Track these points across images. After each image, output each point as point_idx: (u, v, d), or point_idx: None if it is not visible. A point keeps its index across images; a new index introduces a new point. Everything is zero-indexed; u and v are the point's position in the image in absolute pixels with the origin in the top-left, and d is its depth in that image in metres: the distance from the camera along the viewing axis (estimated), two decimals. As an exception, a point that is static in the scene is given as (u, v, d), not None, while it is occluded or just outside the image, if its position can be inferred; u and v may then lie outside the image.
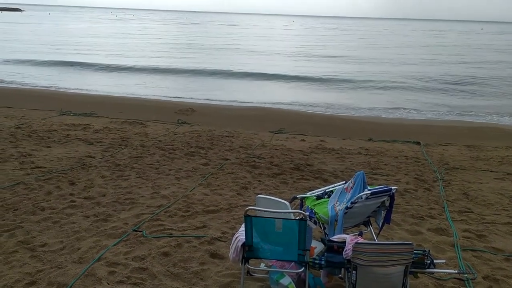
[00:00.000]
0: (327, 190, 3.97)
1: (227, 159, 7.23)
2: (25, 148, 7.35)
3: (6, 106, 11.27)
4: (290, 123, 10.82)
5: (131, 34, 50.94)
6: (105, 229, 4.38)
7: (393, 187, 3.68)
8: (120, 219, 4.64)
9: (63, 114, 10.68)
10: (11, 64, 21.97)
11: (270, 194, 5.43)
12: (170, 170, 6.48)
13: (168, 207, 5.04)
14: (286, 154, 7.69)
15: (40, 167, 6.33)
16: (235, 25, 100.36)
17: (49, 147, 7.55)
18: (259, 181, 6.18)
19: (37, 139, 8.01)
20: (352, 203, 3.55)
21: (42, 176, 5.91)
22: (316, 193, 3.97)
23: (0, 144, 7.47)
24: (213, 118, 11.26)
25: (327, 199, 3.88)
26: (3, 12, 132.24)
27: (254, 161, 7.12)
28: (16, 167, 6.26)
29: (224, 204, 5.20)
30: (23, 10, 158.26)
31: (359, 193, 3.62)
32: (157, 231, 4.39)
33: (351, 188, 3.76)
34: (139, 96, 15.32)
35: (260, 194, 5.28)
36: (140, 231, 4.36)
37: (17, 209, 4.75)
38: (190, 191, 5.62)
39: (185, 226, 4.55)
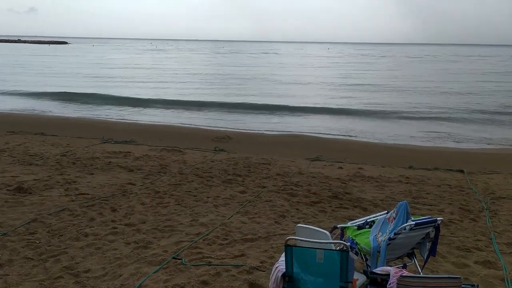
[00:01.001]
0: (368, 220, 3.89)
1: (264, 186, 7.22)
2: (69, 175, 7.61)
3: (52, 135, 11.77)
4: (327, 151, 10.74)
5: (167, 65, 52.47)
6: (145, 256, 4.44)
7: (438, 218, 3.56)
8: (160, 246, 4.69)
9: (105, 142, 11.02)
10: (59, 96, 23.00)
11: (308, 223, 5.36)
12: (208, 197, 6.53)
13: (207, 235, 5.06)
14: (324, 182, 7.61)
15: (84, 194, 6.52)
16: (270, 53, 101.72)
17: (92, 174, 7.79)
18: (297, 209, 6.12)
19: (81, 166, 8.28)
20: (395, 234, 3.46)
21: (86, 202, 6.08)
22: (357, 223, 3.90)
23: (47, 171, 7.77)
24: (250, 146, 11.34)
25: (369, 229, 3.79)
26: (50, 45, 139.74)
27: (292, 189, 7.08)
28: (62, 194, 6.47)
29: (262, 232, 5.17)
30: (70, 43, 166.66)
31: (402, 224, 3.52)
32: (196, 259, 4.40)
33: (394, 218, 3.66)
34: (177, 124, 15.65)
35: (299, 223, 5.23)
36: (179, 259, 4.38)
37: (62, 235, 4.89)
38: (228, 218, 5.63)
39: (223, 254, 4.55)
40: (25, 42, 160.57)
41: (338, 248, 3.26)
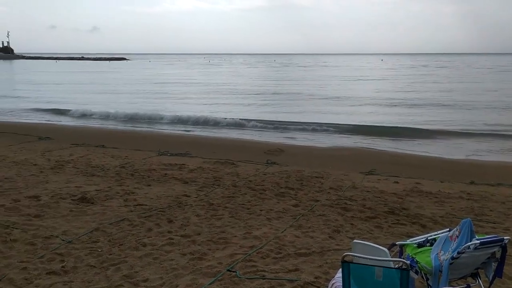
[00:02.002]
0: (429, 238, 3.73)
1: (318, 200, 7.14)
2: (128, 186, 7.90)
3: (112, 147, 12.29)
4: (382, 164, 10.48)
5: (219, 80, 53.43)
6: (200, 267, 4.51)
7: (505, 237, 3.36)
8: (214, 258, 4.75)
9: (161, 154, 11.37)
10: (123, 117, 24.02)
11: (364, 238, 5.23)
12: (261, 210, 6.55)
13: (260, 248, 5.06)
14: (379, 197, 7.42)
15: (142, 205, 6.74)
16: (322, 66, 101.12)
17: (149, 185, 8.04)
18: (352, 224, 6.00)
19: (138, 178, 8.58)
20: (458, 253, 3.30)
21: (144, 213, 6.29)
22: (417, 241, 3.75)
23: (108, 182, 8.12)
24: (302, 159, 11.28)
25: (430, 248, 3.64)
26: (111, 61, 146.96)
27: (346, 203, 6.96)
28: (121, 204, 6.73)
29: (316, 247, 5.10)
30: (128, 59, 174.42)
31: (466, 243, 3.35)
32: (250, 272, 4.42)
33: (457, 236, 3.50)
34: (230, 137, 15.88)
35: (354, 238, 5.13)
36: (234, 271, 4.42)
37: (122, 244, 5.08)
38: (282, 232, 5.61)
39: (277, 268, 4.53)
40: (87, 59, 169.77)
41: (397, 266, 3.16)
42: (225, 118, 19.76)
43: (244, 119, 19.75)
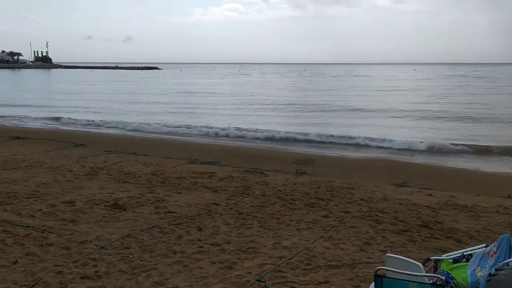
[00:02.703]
0: (465, 253, 3.61)
1: (348, 212, 7.05)
2: (159, 193, 8.01)
3: (144, 155, 12.52)
4: (414, 176, 10.25)
5: (248, 90, 53.63)
6: (230, 276, 4.51)
7: (547, 255, 3.21)
8: (243, 268, 4.75)
9: (191, 162, 11.48)
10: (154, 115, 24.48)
11: (396, 252, 5.11)
12: (291, 220, 6.51)
13: (290, 258, 5.02)
14: (412, 210, 7.25)
15: (172, 212, 6.82)
16: (353, 76, 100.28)
17: (180, 193, 8.13)
18: (383, 237, 5.88)
19: (169, 186, 8.69)
20: (496, 269, 3.17)
21: (174, 220, 6.35)
22: (453, 256, 3.63)
23: (139, 189, 8.26)
24: (332, 169, 11.18)
25: (466, 263, 3.52)
26: (143, 70, 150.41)
27: (377, 215, 6.83)
28: (152, 211, 6.83)
29: (347, 259, 5.02)
30: (161, 69, 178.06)
31: (504, 259, 3.23)
32: (280, 283, 4.38)
33: (494, 252, 3.37)
34: (259, 146, 15.91)
35: (386, 251, 5.02)
36: (263, 282, 4.39)
37: (152, 251, 5.14)
38: (311, 243, 5.55)
39: (307, 280, 4.48)
40: (121, 68, 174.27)
41: (432, 281, 3.07)
42: (255, 128, 19.83)
43: (274, 130, 19.77)
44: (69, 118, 24.05)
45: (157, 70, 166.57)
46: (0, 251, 4.99)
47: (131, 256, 4.96)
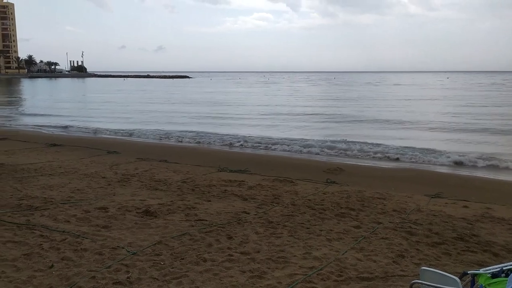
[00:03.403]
0: (504, 268, 3.47)
1: (380, 222, 6.91)
2: (189, 201, 8.08)
3: (174, 162, 12.67)
4: (449, 187, 9.98)
5: (279, 99, 53.52)
6: (260, 286, 4.49)
7: None
8: (274, 277, 4.71)
9: (221, 171, 11.54)
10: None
11: (431, 265, 4.98)
12: (321, 230, 6.43)
13: (321, 269, 4.96)
14: (447, 222, 7.05)
15: (202, 220, 6.86)
16: (384, 84, 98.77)
17: (209, 201, 8.17)
18: (417, 249, 5.73)
19: (199, 193, 8.76)
20: (539, 287, 3.04)
21: (204, 228, 6.39)
22: (491, 270, 3.50)
23: (170, 197, 8.35)
24: (363, 179, 11.00)
25: (505, 279, 3.38)
26: (174, 79, 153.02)
27: (410, 227, 6.67)
28: (183, 219, 6.89)
29: (380, 272, 4.92)
30: (191, 77, 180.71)
31: (547, 276, 3.09)
32: (310, 294, 4.33)
33: (537, 268, 3.23)
34: (288, 155, 15.85)
35: (420, 264, 4.90)
36: (293, 292, 4.35)
37: (183, 258, 5.18)
38: (342, 254, 5.47)
39: (338, 291, 4.41)
40: (152, 77, 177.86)
41: (470, 297, 2.97)
42: (283, 137, 19.79)
43: (303, 139, 19.68)
44: (104, 128, 24.66)
45: (187, 78, 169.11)
46: (37, 255, 5.14)
47: (162, 263, 5.01)
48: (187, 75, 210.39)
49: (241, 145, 18.40)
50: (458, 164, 13.91)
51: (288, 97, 55.34)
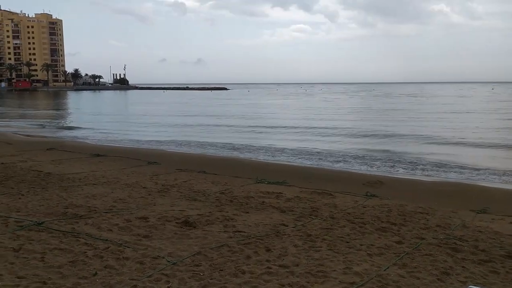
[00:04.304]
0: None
1: (423, 238, 6.69)
2: (227, 212, 8.11)
3: (213, 173, 12.78)
4: (496, 202, 9.56)
5: (320, 111, 53.10)
6: (299, 300, 4.42)
7: None
8: (313, 292, 4.64)
9: (258, 182, 11.54)
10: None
11: (478, 284, 4.77)
12: (361, 245, 6.29)
13: (361, 285, 4.85)
14: (494, 238, 6.74)
15: (240, 231, 6.86)
16: (428, 96, 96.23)
17: (248, 212, 8.17)
18: (463, 267, 5.50)
19: (237, 205, 8.78)
20: None
21: (242, 240, 6.38)
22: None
23: (208, 207, 8.42)
24: (404, 192, 10.72)
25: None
26: (212, 91, 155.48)
27: (455, 243, 6.42)
28: (221, 230, 6.92)
29: (423, 289, 4.75)
30: (229, 89, 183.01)
31: None
32: (351, 310, 4.23)
33: None
34: (326, 167, 15.68)
35: (466, 283, 4.71)
36: (333, 308, 4.26)
37: (222, 270, 5.19)
38: (384, 270, 5.32)
39: (380, 309, 4.28)
40: (192, 89, 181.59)
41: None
42: (321, 150, 19.62)
43: (340, 151, 19.45)
44: (144, 139, 25.29)
45: (225, 90, 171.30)
46: (81, 262, 5.29)
47: (201, 274, 5.04)
48: (225, 86, 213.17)
49: (279, 156, 18.38)
50: (505, 179, 13.33)
51: (327, 109, 54.93)
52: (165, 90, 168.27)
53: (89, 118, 40.76)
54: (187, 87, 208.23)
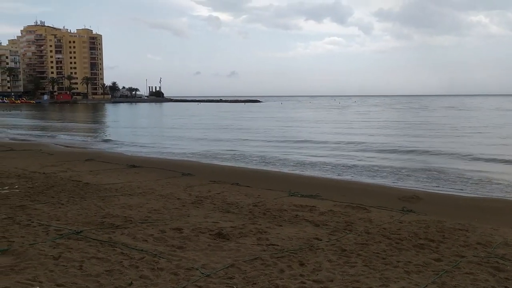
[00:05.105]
0: None
1: (463, 256, 6.44)
2: (260, 225, 8.07)
3: (246, 185, 12.81)
4: (541, 220, 9.12)
5: (356, 124, 52.49)
6: (334, 317, 4.33)
7: None
8: (348, 309, 4.54)
9: (291, 195, 11.47)
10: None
11: (523, 306, 4.53)
12: (398, 261, 6.12)
13: (399, 303, 4.70)
14: (540, 258, 6.41)
15: (274, 245, 6.81)
16: (463, 108, 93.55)
17: (281, 225, 8.12)
18: (506, 287, 5.26)
19: (270, 217, 8.74)
20: None
21: (276, 253, 6.33)
22: None
23: (241, 220, 8.42)
24: (442, 208, 10.41)
25: None
26: (245, 103, 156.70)
27: (498, 262, 6.15)
28: (254, 243, 6.89)
29: (464, 310, 4.56)
30: (261, 101, 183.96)
31: None
32: (388, 329, 4.10)
33: None
34: (361, 181, 15.44)
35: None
36: (369, 326, 4.15)
37: (255, 283, 5.15)
38: (422, 288, 5.15)
39: (418, 329, 4.14)
40: (225, 101, 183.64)
41: None
42: (354, 164, 19.35)
43: (375, 165, 19.11)
44: (178, 151, 25.69)
45: (258, 102, 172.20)
46: (117, 272, 5.38)
47: (235, 287, 5.02)
48: (258, 99, 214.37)
49: (311, 169, 18.25)
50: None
51: (360, 122, 54.28)
52: (199, 103, 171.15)
53: (126, 131, 41.78)
54: (220, 99, 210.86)
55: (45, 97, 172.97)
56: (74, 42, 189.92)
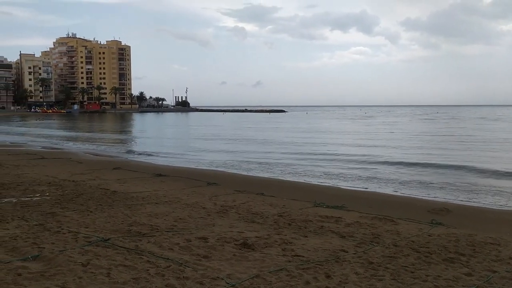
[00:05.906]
0: None
1: (495, 271, 6.23)
2: (286, 235, 8.02)
3: (271, 195, 12.78)
4: None
5: (390, 136, 51.83)
6: (361, 331, 4.25)
7: None
8: (375, 323, 4.45)
9: (317, 206, 11.37)
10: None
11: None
12: (427, 276, 5.97)
13: (428, 319, 4.58)
14: None
15: (299, 256, 6.75)
16: (497, 119, 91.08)
17: (306, 236, 8.05)
18: (542, 305, 5.06)
19: (295, 228, 8.68)
20: None
21: (301, 265, 6.28)
22: None
23: (266, 230, 8.39)
24: (473, 221, 10.13)
25: None
26: (271, 113, 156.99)
27: (533, 278, 5.93)
28: (279, 253, 6.85)
29: (497, 327, 4.40)
30: (287, 111, 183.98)
31: None
32: None
33: None
34: (388, 192, 15.19)
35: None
36: None
37: (281, 295, 5.12)
38: (452, 304, 5.00)
39: None
40: (250, 111, 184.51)
41: None
42: (381, 176, 19.06)
43: (402, 177, 18.77)
44: (204, 161, 25.87)
45: (283, 112, 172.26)
46: (144, 280, 5.44)
47: (260, 298, 5.00)
48: (283, 109, 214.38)
49: (337, 180, 18.08)
50: None
51: (387, 133, 53.51)
52: (224, 112, 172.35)
53: (152, 141, 42.39)
54: (245, 109, 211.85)
55: (75, 106, 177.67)
56: (103, 53, 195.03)
